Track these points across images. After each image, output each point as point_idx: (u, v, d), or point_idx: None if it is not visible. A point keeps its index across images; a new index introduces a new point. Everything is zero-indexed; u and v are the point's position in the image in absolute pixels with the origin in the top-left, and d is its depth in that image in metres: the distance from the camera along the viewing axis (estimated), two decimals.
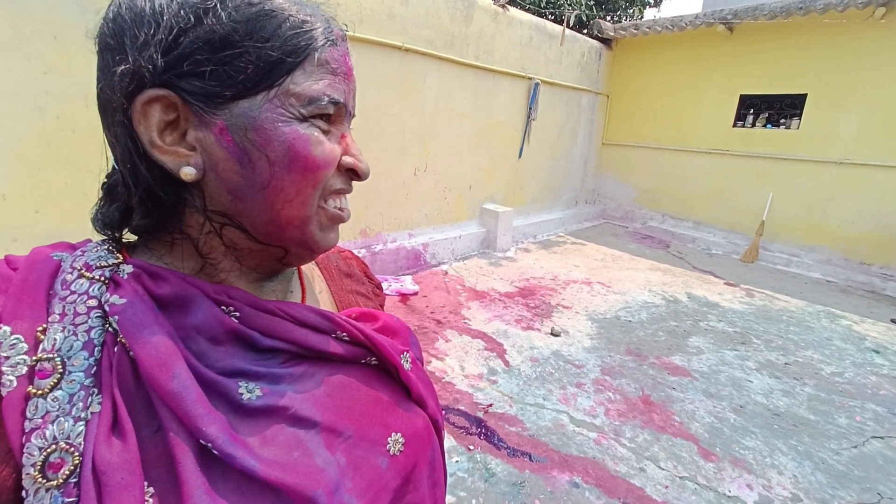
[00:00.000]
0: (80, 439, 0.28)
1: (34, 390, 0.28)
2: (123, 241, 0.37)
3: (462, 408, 2.16)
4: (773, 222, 5.00)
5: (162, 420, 0.30)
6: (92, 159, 2.24)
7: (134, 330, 0.30)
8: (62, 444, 0.28)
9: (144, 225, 0.35)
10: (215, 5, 0.31)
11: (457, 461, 1.82)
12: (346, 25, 0.40)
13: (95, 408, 0.29)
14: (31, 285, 0.31)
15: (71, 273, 0.32)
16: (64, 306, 0.31)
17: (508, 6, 4.34)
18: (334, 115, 0.36)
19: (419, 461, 0.41)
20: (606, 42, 5.96)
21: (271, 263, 0.39)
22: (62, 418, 0.28)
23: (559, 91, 5.30)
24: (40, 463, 0.27)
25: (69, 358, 0.29)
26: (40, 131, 2.10)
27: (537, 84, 4.84)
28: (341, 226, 0.41)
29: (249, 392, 0.33)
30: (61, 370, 0.29)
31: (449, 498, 1.59)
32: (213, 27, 0.31)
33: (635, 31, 5.56)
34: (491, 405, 2.20)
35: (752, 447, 2.02)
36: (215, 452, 0.30)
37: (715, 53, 5.21)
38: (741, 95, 5.11)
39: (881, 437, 2.13)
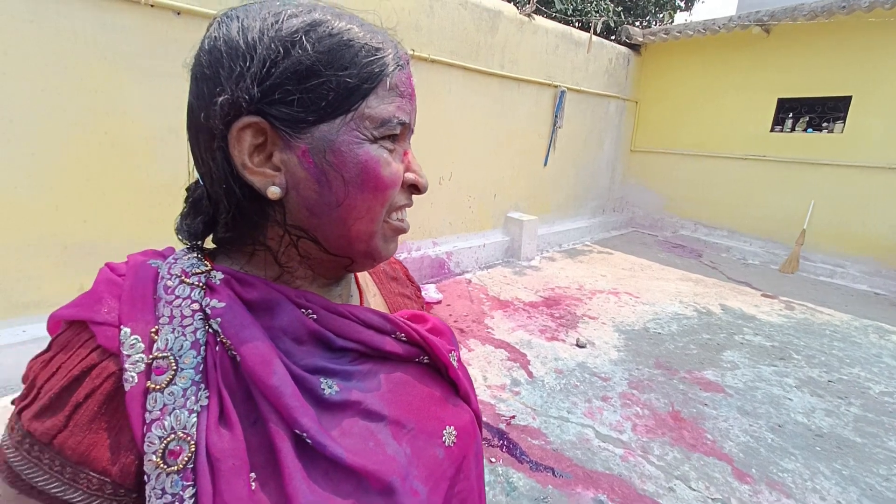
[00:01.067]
0: (194, 429, 0.31)
1: (153, 385, 0.31)
2: (204, 248, 0.41)
3: (484, 419, 2.14)
4: (815, 231, 4.76)
5: (262, 412, 0.33)
6: (133, 173, 2.38)
7: (235, 331, 0.34)
8: (179, 434, 0.31)
9: (229, 236, 0.39)
10: (301, 38, 0.34)
11: None
12: (413, 49, 0.42)
13: (204, 401, 0.32)
14: (139, 291, 0.34)
15: (171, 279, 0.35)
16: (171, 309, 0.34)
17: (534, 15, 4.34)
18: (399, 134, 0.38)
19: (468, 452, 0.44)
20: (635, 48, 5.87)
21: (338, 271, 0.42)
22: (178, 410, 0.31)
23: (586, 98, 5.24)
24: (161, 450, 0.30)
25: (180, 356, 0.32)
26: (88, 146, 2.25)
27: (563, 92, 4.80)
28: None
29: (329, 388, 0.36)
30: (175, 367, 0.32)
31: None
32: (300, 58, 0.34)
33: (665, 36, 5.44)
34: (514, 417, 2.17)
35: (791, 469, 1.91)
36: (308, 441, 0.33)
37: (750, 56, 5.04)
38: (779, 99, 4.91)
39: None
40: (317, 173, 0.35)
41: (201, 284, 0.35)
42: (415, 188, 0.41)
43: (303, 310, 0.38)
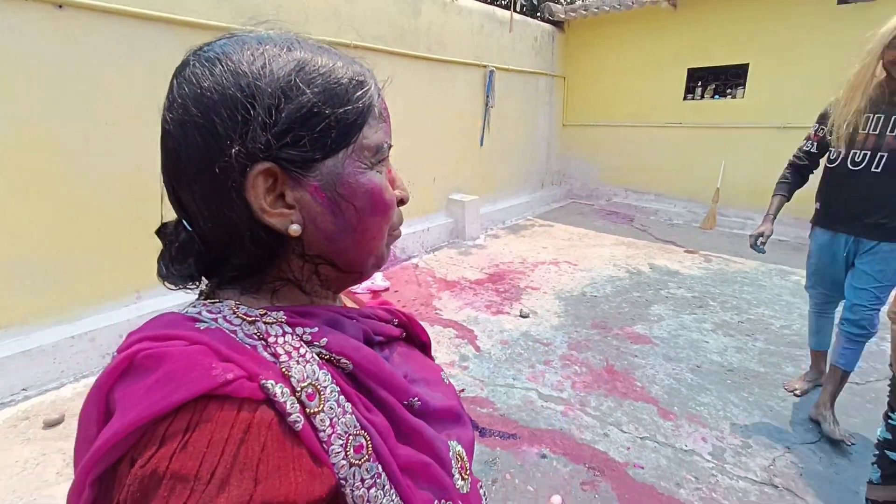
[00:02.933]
0: (358, 425, 0.36)
1: (314, 410, 0.34)
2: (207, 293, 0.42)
3: None
4: (728, 189, 5.23)
5: (380, 397, 0.39)
6: (48, 180, 2.18)
7: (340, 346, 0.38)
8: (353, 432, 0.35)
9: (239, 274, 0.40)
10: (296, 81, 0.35)
11: None
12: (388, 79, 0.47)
13: (349, 407, 0.36)
14: (234, 346, 0.34)
15: (248, 326, 0.36)
16: (277, 349, 0.35)
17: None
18: (386, 157, 0.42)
19: (452, 385, 0.57)
20: (559, 25, 6.04)
21: (349, 284, 0.46)
22: (341, 418, 0.35)
23: (515, 76, 5.36)
24: (348, 453, 0.34)
25: (317, 379, 0.35)
26: None
27: (492, 71, 4.88)
28: None
29: None
30: (319, 388, 0.35)
31: None
32: (301, 102, 0.35)
33: (584, 13, 5.65)
34: (463, 390, 2.28)
35: (707, 403, 2.16)
36: (417, 404, 0.43)
37: (662, 29, 5.36)
38: (689, 69, 5.28)
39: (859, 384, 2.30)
40: (331, 206, 0.38)
41: (280, 321, 0.37)
42: (401, 202, 0.46)
43: (351, 319, 0.43)
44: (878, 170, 1.72)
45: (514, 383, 2.33)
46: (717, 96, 5.23)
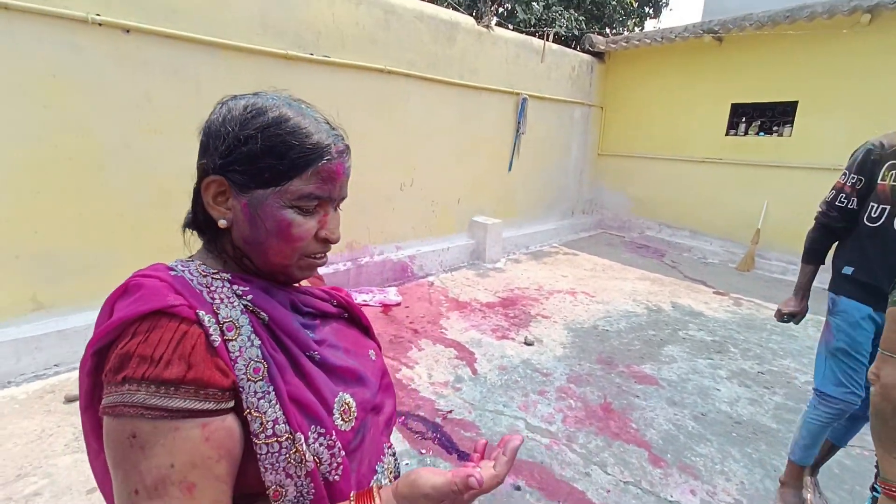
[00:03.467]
0: (261, 355, 0.51)
1: (230, 338, 0.50)
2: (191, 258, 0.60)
3: (422, 413, 2.24)
4: (769, 230, 4.94)
5: (287, 345, 0.54)
6: (84, 184, 2.46)
7: (262, 302, 0.54)
8: (255, 360, 0.50)
9: (206, 241, 0.59)
10: (256, 135, 0.52)
11: (407, 463, 1.91)
12: (347, 140, 0.60)
13: (257, 342, 0.51)
14: (188, 288, 0.51)
15: (199, 278, 0.53)
16: (216, 296, 0.52)
17: (493, 27, 4.50)
18: (318, 204, 0.57)
19: (382, 364, 0.71)
20: (599, 55, 6.06)
21: (267, 278, 0.61)
22: (248, 349, 0.50)
23: (549, 105, 5.41)
24: (247, 371, 0.49)
25: (237, 320, 0.51)
26: (40, 159, 2.33)
27: (525, 99, 4.96)
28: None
29: (309, 332, 0.59)
30: (237, 326, 0.51)
31: None
32: (251, 148, 0.53)
33: (626, 45, 5.64)
34: (451, 411, 2.28)
35: (704, 454, 2.03)
36: (317, 357, 0.56)
37: (705, 64, 5.24)
38: (732, 104, 5.11)
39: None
40: (250, 218, 0.54)
41: (224, 279, 0.54)
42: (325, 240, 0.59)
43: (284, 290, 0.59)
44: None
45: (504, 410, 2.31)
46: (762, 133, 5.00)
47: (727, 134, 5.22)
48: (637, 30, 8.35)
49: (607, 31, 7.85)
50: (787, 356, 2.98)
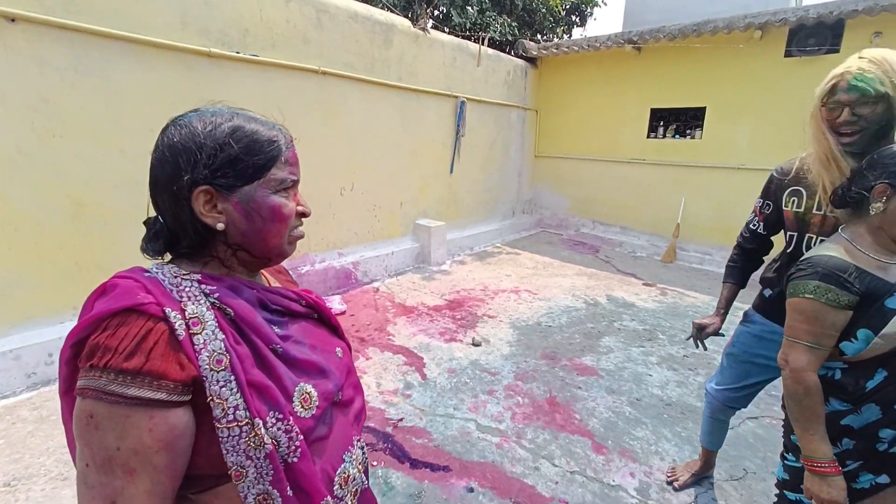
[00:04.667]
0: (223, 348, 0.55)
1: (195, 332, 0.54)
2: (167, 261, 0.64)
3: (372, 424, 2.20)
4: (688, 224, 5.42)
5: (251, 338, 0.59)
6: None
7: (228, 299, 0.60)
8: (218, 352, 0.55)
9: (188, 252, 0.63)
10: (229, 140, 0.59)
11: None
12: (295, 137, 0.69)
13: (220, 336, 0.56)
14: (159, 288, 0.56)
15: (170, 279, 0.58)
16: (184, 295, 0.57)
17: (430, 30, 4.52)
18: (291, 186, 0.65)
19: (349, 363, 0.76)
20: (532, 61, 6.30)
21: (261, 266, 0.70)
22: (212, 342, 0.55)
23: (487, 108, 5.53)
24: (211, 363, 0.54)
25: (202, 316, 0.56)
26: None
27: (463, 102, 5.03)
28: None
29: (275, 327, 0.64)
30: (203, 321, 0.55)
31: None
32: (229, 153, 0.59)
33: (556, 51, 5.92)
34: (402, 420, 2.25)
35: (641, 437, 2.18)
36: (279, 350, 0.62)
37: (627, 71, 5.63)
38: (652, 109, 5.54)
39: (755, 418, 2.36)
40: (245, 213, 0.61)
41: (194, 279, 0.59)
42: (303, 214, 0.68)
43: (252, 289, 0.64)
44: None
45: (455, 413, 2.32)
46: (677, 136, 5.48)
47: (648, 136, 5.65)
48: (566, 37, 8.79)
49: (538, 37, 8.19)
50: (707, 340, 3.28)
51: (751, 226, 1.56)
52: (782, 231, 1.47)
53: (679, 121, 5.48)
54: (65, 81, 2.36)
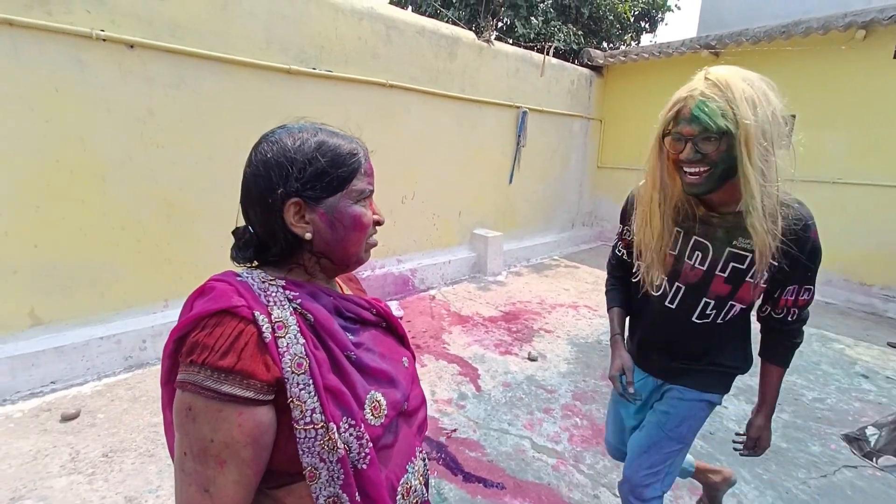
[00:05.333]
0: (304, 352, 0.58)
1: (280, 335, 0.57)
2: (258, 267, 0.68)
3: (426, 433, 2.20)
4: None
5: (328, 344, 0.62)
6: (87, 196, 2.44)
7: (309, 306, 0.62)
8: (299, 355, 0.57)
9: (275, 259, 0.67)
10: (316, 156, 0.63)
11: None
12: (372, 150, 0.71)
13: (301, 340, 0.59)
14: (250, 292, 0.59)
15: (259, 284, 0.61)
16: (271, 299, 0.60)
17: (493, 41, 4.54)
18: (368, 196, 0.69)
19: (414, 372, 0.78)
20: (597, 69, 6.12)
21: (339, 273, 0.72)
22: (294, 346, 0.58)
23: (549, 118, 5.44)
24: (293, 365, 0.57)
25: (286, 321, 0.59)
26: (41, 173, 2.32)
27: (525, 112, 4.99)
28: None
29: (349, 335, 0.67)
30: (286, 326, 0.59)
31: None
32: (317, 167, 0.63)
33: (623, 59, 5.70)
34: (455, 430, 2.23)
35: None
36: (353, 357, 0.64)
37: None
38: None
39: (853, 467, 2.08)
40: (329, 223, 0.65)
41: (279, 286, 0.62)
42: (378, 223, 0.72)
43: (330, 296, 0.67)
44: (672, 306, 1.14)
45: (509, 429, 2.26)
46: None
47: None
48: (634, 44, 8.45)
49: (605, 45, 7.95)
50: (792, 372, 2.95)
51: (616, 252, 1.36)
52: None
53: None
54: (167, 97, 2.64)
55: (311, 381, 0.57)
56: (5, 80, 2.16)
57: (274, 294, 0.60)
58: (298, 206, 0.62)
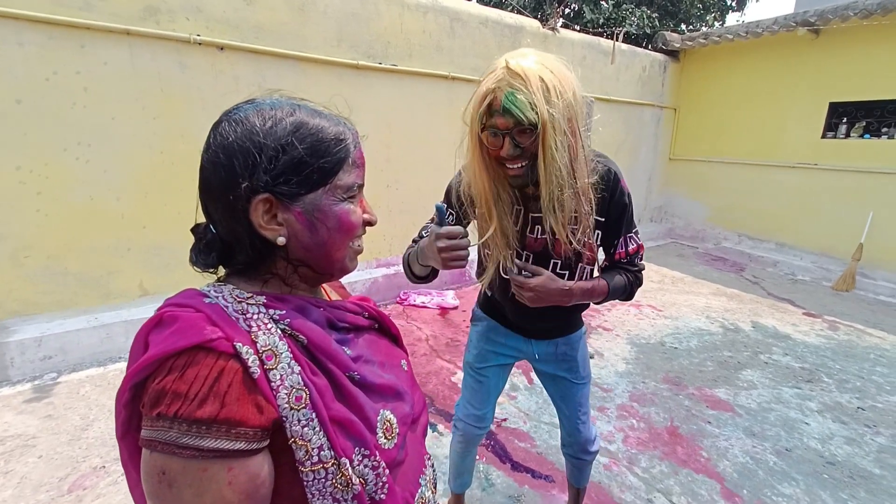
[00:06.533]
0: (301, 382, 0.48)
1: (270, 367, 0.47)
2: (221, 279, 0.57)
3: None
4: (875, 245, 4.35)
5: (326, 366, 0.52)
6: (185, 185, 2.75)
7: (300, 325, 0.52)
8: (297, 389, 0.48)
9: (242, 268, 0.56)
10: (293, 140, 0.50)
11: None
12: (363, 134, 0.60)
13: (297, 368, 0.49)
14: (223, 318, 0.48)
15: (233, 304, 0.49)
16: (252, 323, 0.49)
17: (559, 29, 4.40)
18: (357, 191, 0.57)
19: (412, 374, 0.70)
20: (673, 54, 5.70)
21: (321, 282, 0.62)
22: (289, 377, 0.48)
23: (616, 107, 5.18)
24: (290, 400, 0.47)
25: (276, 347, 0.48)
26: (149, 164, 2.65)
27: (591, 102, 4.79)
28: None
29: (346, 350, 0.57)
30: (277, 353, 0.48)
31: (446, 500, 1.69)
32: (293, 154, 0.50)
33: (704, 41, 5.25)
34: (505, 419, 2.25)
35: (788, 494, 1.83)
36: (357, 378, 0.55)
37: (798, 59, 4.74)
38: (831, 103, 4.57)
39: None
40: (308, 225, 0.53)
41: (259, 303, 0.51)
42: (368, 223, 0.60)
43: (320, 308, 0.57)
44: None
45: None
46: (867, 135, 4.42)
47: (824, 136, 4.68)
48: (717, 25, 7.75)
49: (683, 27, 7.37)
50: (894, 392, 2.60)
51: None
52: None
53: (871, 117, 4.42)
54: (251, 93, 2.87)
55: (314, 415, 0.48)
56: (125, 83, 2.49)
57: (255, 316, 0.49)
58: (269, 203, 0.50)
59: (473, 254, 1.06)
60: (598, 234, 1.12)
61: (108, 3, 2.37)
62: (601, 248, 1.17)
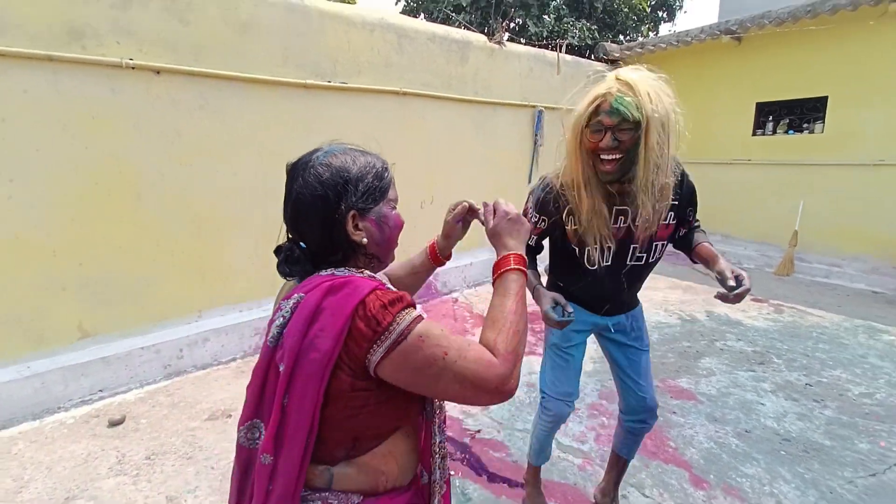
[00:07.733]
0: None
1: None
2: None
3: (450, 434, 2.20)
4: (808, 231, 4.70)
5: None
6: (124, 215, 2.59)
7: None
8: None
9: (334, 265, 0.74)
10: (366, 175, 0.74)
11: None
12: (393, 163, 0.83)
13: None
14: (374, 279, 0.71)
15: (359, 273, 0.72)
16: (376, 281, 0.70)
17: (505, 43, 4.55)
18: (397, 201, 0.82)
19: None
20: (614, 63, 6.01)
21: (381, 268, 0.83)
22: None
23: (567, 115, 5.37)
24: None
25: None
26: (82, 195, 2.48)
27: (541, 111, 4.95)
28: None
29: None
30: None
31: None
32: (368, 183, 0.74)
33: (640, 51, 5.59)
34: (479, 431, 2.23)
35: (750, 474, 1.91)
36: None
37: (725, 64, 5.13)
38: (758, 103, 4.96)
39: None
40: (378, 227, 0.76)
41: (371, 276, 0.73)
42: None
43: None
44: (608, 262, 1.34)
45: None
46: (791, 131, 4.82)
47: (754, 134, 5.05)
48: (651, 34, 8.27)
49: (621, 38, 7.81)
50: (837, 366, 2.80)
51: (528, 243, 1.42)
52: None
53: (793, 114, 4.82)
54: (192, 117, 2.78)
55: None
56: (48, 110, 2.33)
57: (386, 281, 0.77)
58: (354, 216, 0.73)
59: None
60: (671, 214, 1.34)
61: (26, 26, 2.23)
62: (676, 222, 1.40)
